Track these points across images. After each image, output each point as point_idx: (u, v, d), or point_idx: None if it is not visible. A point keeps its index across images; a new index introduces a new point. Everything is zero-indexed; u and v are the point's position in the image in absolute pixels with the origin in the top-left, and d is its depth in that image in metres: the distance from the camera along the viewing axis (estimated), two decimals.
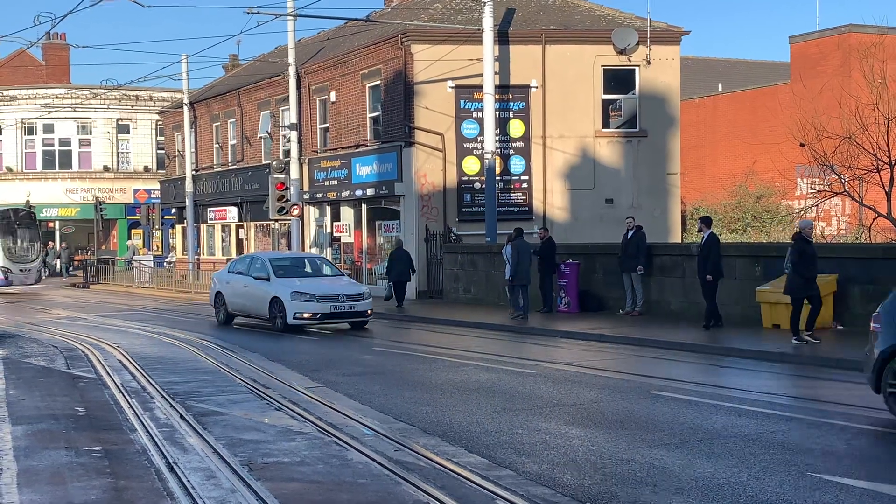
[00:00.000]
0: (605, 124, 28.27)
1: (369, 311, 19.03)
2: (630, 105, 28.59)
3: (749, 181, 35.55)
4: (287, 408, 10.45)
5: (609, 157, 28.18)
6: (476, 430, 9.16)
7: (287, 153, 32.11)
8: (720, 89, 42.24)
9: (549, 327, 18.62)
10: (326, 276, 20.20)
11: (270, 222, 31.45)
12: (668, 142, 28.73)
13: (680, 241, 28.88)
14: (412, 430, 9.23)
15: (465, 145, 26.94)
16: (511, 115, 27.35)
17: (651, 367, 13.89)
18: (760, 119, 36.40)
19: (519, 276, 19.77)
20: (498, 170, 26.13)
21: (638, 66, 27.94)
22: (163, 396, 11.25)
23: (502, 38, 26.66)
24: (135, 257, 41.12)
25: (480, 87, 24.79)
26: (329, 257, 31.33)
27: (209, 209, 39.20)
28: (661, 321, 18.03)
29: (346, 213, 30.71)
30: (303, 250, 31.94)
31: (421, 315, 22.29)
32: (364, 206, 29.55)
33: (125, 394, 11.45)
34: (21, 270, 35.71)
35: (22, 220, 36.87)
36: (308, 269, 20.60)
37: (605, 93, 28.02)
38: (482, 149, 25.53)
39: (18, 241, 36.46)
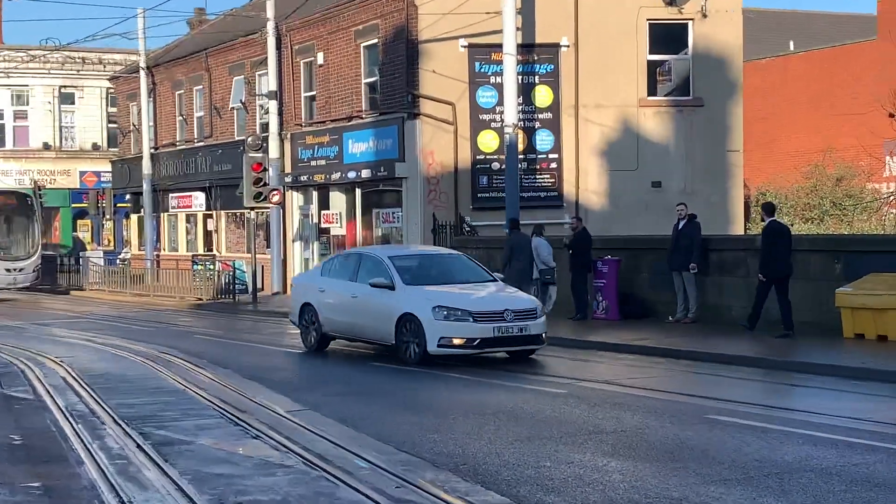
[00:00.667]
0: (652, 91, 28.21)
1: (544, 335, 16.02)
2: (682, 67, 28.51)
3: (827, 160, 35.45)
4: (266, 435, 10.46)
5: (656, 130, 28.13)
6: (495, 463, 9.16)
7: (265, 127, 32.14)
8: (792, 48, 42.11)
9: (583, 337, 18.60)
10: (471, 282, 16.70)
11: (245, 211, 31.47)
12: (727, 112, 28.65)
13: (743, 233, 28.83)
14: (417, 462, 9.22)
15: (480, 117, 26.94)
16: (537, 81, 27.34)
17: (707, 385, 13.84)
18: (841, 84, 36.27)
19: (514, 276, 19.91)
20: (521, 147, 26.10)
21: (691, 19, 27.90)
22: (116, 422, 11.28)
23: None
24: (81, 253, 41.27)
25: (499, 46, 24.75)
26: (316, 253, 31.43)
27: (171, 195, 39.29)
28: (719, 330, 18.01)
29: (337, 199, 30.74)
30: (283, 245, 32.03)
31: None
32: (358, 192, 29.59)
33: (71, 418, 11.48)
34: (7, 271, 33.53)
35: (7, 205, 34.86)
36: (442, 270, 17.03)
37: (651, 52, 27.97)
38: (502, 121, 25.50)
39: (3, 233, 34.80)
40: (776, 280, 17.29)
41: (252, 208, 29.63)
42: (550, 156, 27.51)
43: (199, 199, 37.36)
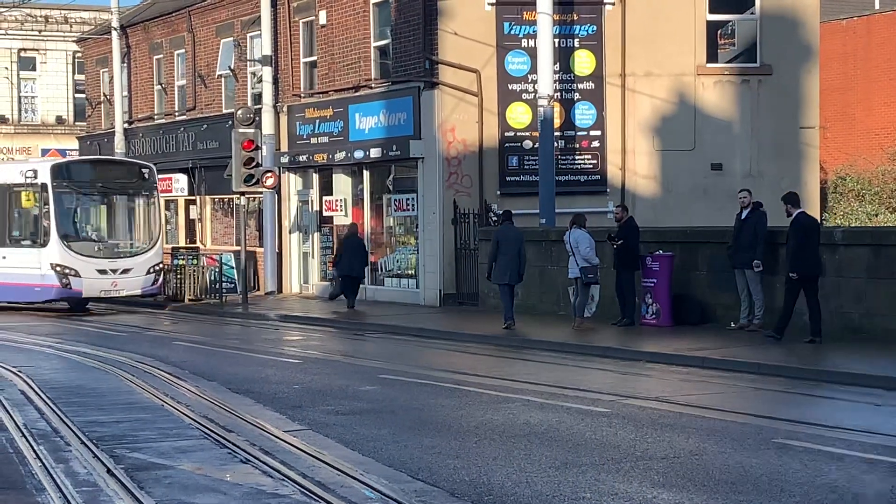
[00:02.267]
0: (712, 57, 28.11)
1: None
2: (747, 30, 28.39)
3: None
4: (257, 459, 10.50)
5: (717, 103, 28.04)
6: (525, 494, 9.16)
7: (258, 98, 32.18)
8: (877, 6, 41.83)
9: (630, 346, 18.58)
10: None
11: (234, 196, 31.55)
12: (801, 82, 28.54)
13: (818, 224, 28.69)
14: (434, 492, 9.23)
15: (510, 87, 26.92)
16: (577, 44, 27.28)
17: (776, 404, 13.79)
18: None
19: (497, 273, 21.29)
20: (558, 122, 26.06)
21: None
22: (83, 442, 11.33)
23: None
24: None
25: (532, 4, 24.72)
26: (316, 246, 31.48)
27: None
28: (790, 339, 17.95)
29: (342, 183, 30.78)
30: (278, 236, 32.09)
31: (444, 328, 22.31)
32: (367, 174, 29.62)
33: (30, 438, 11.55)
34: (102, 272, 28.35)
35: (112, 179, 29.95)
36: None
37: (711, 11, 27.87)
38: (535, 92, 25.46)
39: (102, 219, 30.34)
40: (807, 280, 17.61)
41: (242, 193, 29.68)
42: (592, 133, 27.46)
43: (180, 181, 37.45)
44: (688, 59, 27.66)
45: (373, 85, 29.01)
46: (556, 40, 25.46)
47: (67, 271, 27.54)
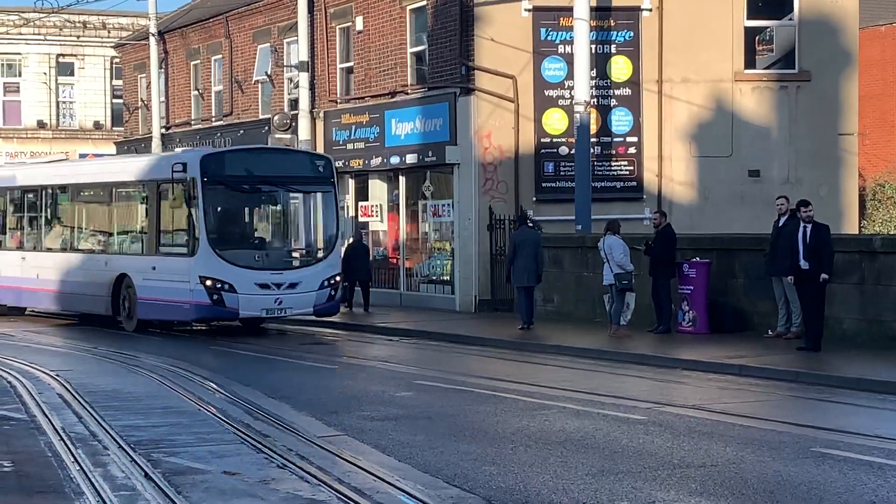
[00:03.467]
0: (750, 63, 27.99)
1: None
2: (786, 36, 28.25)
3: None
4: (294, 464, 10.53)
5: (755, 110, 27.92)
6: (562, 501, 9.15)
7: (294, 104, 32.26)
8: None
9: (667, 353, 18.51)
10: None
11: None
12: (840, 88, 28.37)
13: (857, 232, 28.52)
14: (471, 498, 9.24)
15: (546, 93, 26.89)
16: (614, 51, 27.23)
17: (815, 413, 13.72)
18: None
19: (515, 275, 22.16)
20: (594, 128, 26.01)
21: None
22: (120, 446, 11.40)
23: None
24: None
25: (569, 10, 24.70)
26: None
27: None
28: (829, 347, 17.85)
29: (378, 188, 30.83)
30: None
31: (479, 334, 22.31)
32: (403, 180, 29.65)
33: (69, 442, 11.60)
34: (264, 287, 22.63)
35: (277, 172, 23.96)
36: None
37: (749, 17, 27.75)
38: (571, 98, 25.45)
39: (264, 221, 24.93)
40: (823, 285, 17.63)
41: None
42: (628, 139, 27.39)
43: None
44: (725, 65, 27.55)
45: (409, 91, 29.04)
46: (593, 46, 25.42)
47: (219, 285, 22.21)
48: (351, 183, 31.64)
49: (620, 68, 27.24)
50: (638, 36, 27.20)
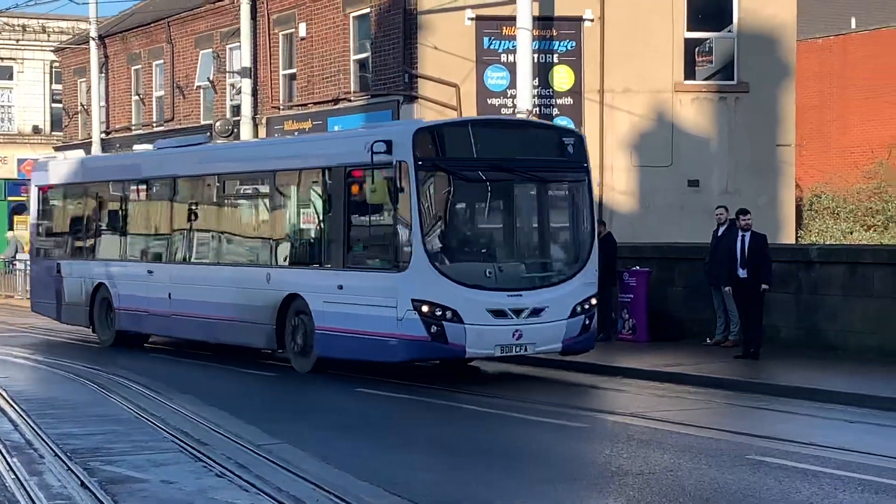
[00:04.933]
0: (690, 74, 28.20)
1: None
2: (725, 47, 28.49)
3: (894, 157, 35.48)
4: (233, 473, 10.47)
5: (695, 120, 28.12)
6: None
7: (237, 110, 32.12)
8: (854, 25, 42.10)
9: (606, 361, 18.55)
10: None
11: None
12: (778, 100, 28.65)
13: (794, 242, 28.81)
14: None
15: (489, 101, 26.94)
16: (556, 60, 27.34)
17: (751, 421, 13.84)
18: None
19: None
20: None
21: None
22: (56, 455, 11.29)
23: None
24: (18, 255, 41.29)
25: (512, 19, 24.77)
26: None
27: None
28: (766, 355, 18.01)
29: None
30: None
31: None
32: None
33: (3, 451, 11.49)
34: (507, 313, 16.29)
35: (517, 154, 17.22)
36: None
37: (689, 29, 27.96)
38: (514, 107, 25.51)
39: (496, 222, 17.86)
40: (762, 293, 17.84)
41: None
42: None
43: None
44: (666, 75, 27.75)
45: (352, 98, 29.00)
46: (536, 56, 25.49)
47: (439, 313, 15.94)
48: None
49: (563, 78, 27.36)
50: (580, 46, 27.32)
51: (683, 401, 15.18)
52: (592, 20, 27.30)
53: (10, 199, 47.39)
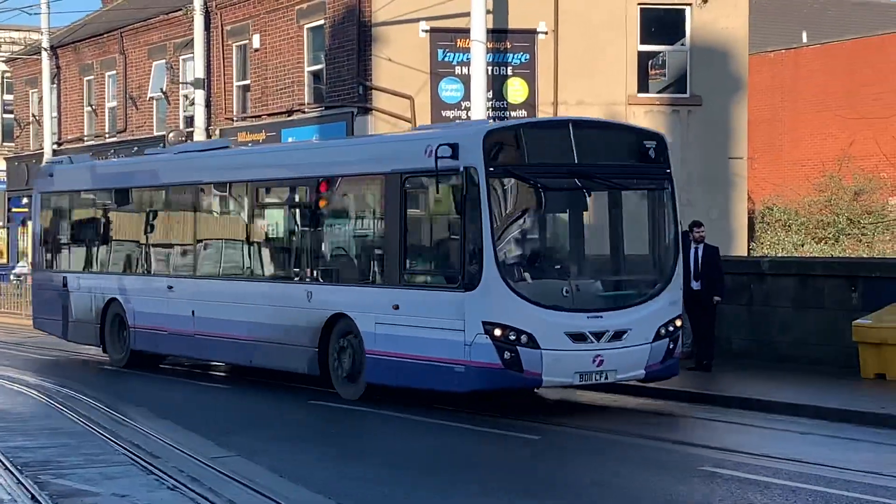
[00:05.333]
0: (643, 87, 28.35)
1: None
2: (678, 60, 28.68)
3: (844, 170, 35.82)
4: (184, 486, 10.41)
5: None
6: None
7: (190, 121, 31.97)
8: (805, 40, 42.53)
9: None
10: None
11: None
12: (730, 113, 28.86)
13: (746, 254, 29.01)
14: None
15: (443, 113, 26.97)
16: (510, 72, 27.41)
17: (704, 432, 13.90)
18: (862, 82, 36.69)
19: None
20: None
21: (689, 4, 28.13)
22: (6, 468, 11.18)
23: None
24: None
25: (466, 32, 24.79)
26: None
27: None
28: (719, 367, 18.11)
29: None
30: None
31: None
32: None
33: None
34: (587, 336, 14.63)
35: (598, 159, 15.60)
36: None
37: (642, 42, 28.12)
38: (468, 119, 25.54)
39: (572, 236, 16.00)
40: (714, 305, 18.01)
41: None
42: None
43: None
44: (619, 88, 27.87)
45: (306, 109, 28.94)
46: (490, 68, 25.54)
47: (513, 336, 14.20)
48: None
49: (517, 90, 27.44)
50: (534, 58, 27.41)
51: (636, 412, 15.22)
52: (546, 33, 27.40)
53: None
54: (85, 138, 38.56)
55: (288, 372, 17.27)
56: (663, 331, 14.97)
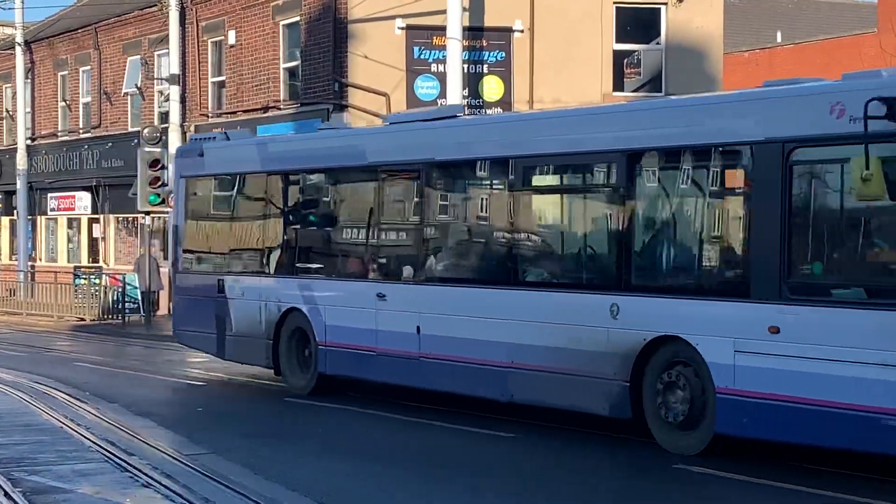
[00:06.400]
0: (619, 85, 28.41)
1: None
2: (653, 59, 28.76)
3: None
4: (158, 483, 10.37)
5: None
6: None
7: (165, 117, 31.88)
8: (779, 39, 42.76)
9: None
10: None
11: (139, 216, 31.16)
12: None
13: None
14: None
15: (419, 110, 26.97)
16: (486, 70, 27.44)
17: None
18: None
19: None
20: None
21: (665, 3, 28.20)
22: None
23: None
24: None
25: (442, 29, 24.82)
26: None
27: (50, 195, 38.85)
28: None
29: None
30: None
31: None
32: None
33: None
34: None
35: None
36: None
37: (618, 41, 28.18)
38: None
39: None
40: None
41: (147, 213, 29.36)
42: None
43: (83, 200, 36.97)
44: (595, 86, 27.92)
45: (282, 106, 28.90)
46: (465, 66, 25.57)
47: None
48: None
49: (493, 88, 27.47)
50: (510, 56, 27.45)
51: None
52: (522, 31, 27.45)
53: None
54: (59, 133, 38.43)
55: (573, 411, 12.95)
56: None
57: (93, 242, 37.28)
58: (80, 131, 37.25)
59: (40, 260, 39.42)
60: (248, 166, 17.66)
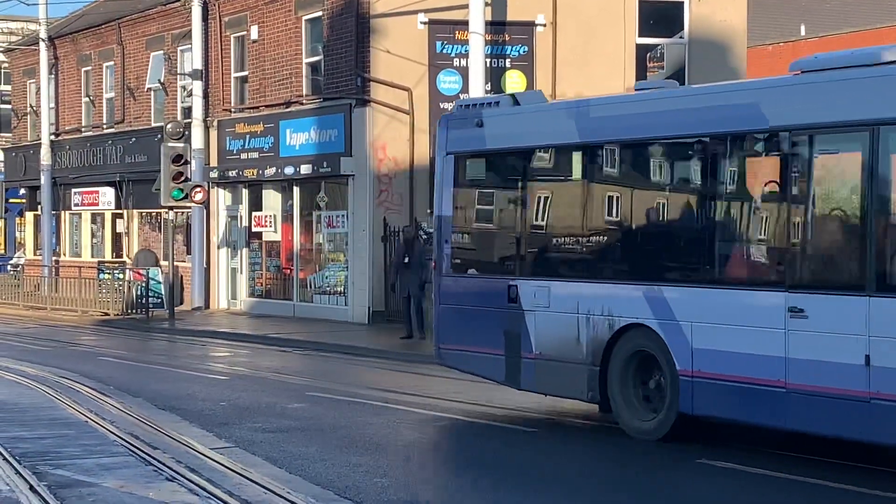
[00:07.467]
0: (641, 79, 28.33)
1: None
2: (676, 53, 28.70)
3: None
4: (183, 477, 10.41)
5: None
6: None
7: (188, 112, 31.98)
8: (803, 33, 42.53)
9: None
10: None
11: (162, 211, 31.28)
12: None
13: None
14: None
15: (442, 105, 26.94)
16: (508, 65, 27.42)
17: None
18: None
19: (402, 284, 22.54)
20: None
21: None
22: (5, 458, 11.17)
23: None
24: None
25: (465, 24, 24.82)
26: (245, 262, 31.33)
27: (74, 191, 38.99)
28: None
29: (272, 198, 30.64)
30: (206, 252, 31.90)
31: (371, 345, 22.31)
32: (297, 190, 29.52)
33: None
34: None
35: None
36: None
37: (640, 35, 28.13)
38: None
39: None
40: None
41: (170, 207, 29.47)
42: None
43: (107, 195, 37.10)
44: (617, 81, 27.85)
45: (304, 101, 28.94)
46: (488, 60, 25.56)
47: None
48: (244, 193, 31.47)
49: (515, 82, 27.44)
50: (532, 51, 27.43)
51: None
52: (545, 25, 27.42)
53: None
54: (82, 129, 38.57)
55: None
56: None
57: (116, 237, 37.42)
58: (104, 127, 37.38)
59: (64, 255, 39.57)
60: (556, 138, 13.70)
